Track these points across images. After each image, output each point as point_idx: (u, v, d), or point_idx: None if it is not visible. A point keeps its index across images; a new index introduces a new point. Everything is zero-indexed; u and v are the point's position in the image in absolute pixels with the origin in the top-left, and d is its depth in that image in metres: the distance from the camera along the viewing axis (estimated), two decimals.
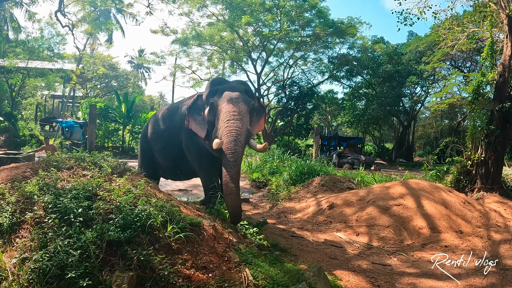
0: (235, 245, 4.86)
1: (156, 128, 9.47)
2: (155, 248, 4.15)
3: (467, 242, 7.30)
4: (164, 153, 9.21)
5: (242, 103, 6.98)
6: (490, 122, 11.24)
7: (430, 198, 8.62)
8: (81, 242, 3.90)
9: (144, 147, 10.01)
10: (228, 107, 6.79)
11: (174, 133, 8.76)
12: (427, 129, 45.01)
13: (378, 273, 5.91)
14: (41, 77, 32.47)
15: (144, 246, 4.10)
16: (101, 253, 3.94)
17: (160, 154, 9.35)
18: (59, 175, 5.30)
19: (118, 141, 27.78)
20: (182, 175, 9.77)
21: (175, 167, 9.30)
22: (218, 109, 6.93)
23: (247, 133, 6.76)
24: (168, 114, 9.34)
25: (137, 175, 6.19)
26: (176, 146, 8.72)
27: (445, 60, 26.08)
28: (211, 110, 7.11)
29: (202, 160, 8.10)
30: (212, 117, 7.10)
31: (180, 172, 9.50)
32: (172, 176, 10.22)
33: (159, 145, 9.27)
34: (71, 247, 3.84)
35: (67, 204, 4.30)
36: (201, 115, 7.53)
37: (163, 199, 5.08)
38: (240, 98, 7.03)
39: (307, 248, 6.95)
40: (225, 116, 6.69)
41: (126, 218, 4.22)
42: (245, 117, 6.87)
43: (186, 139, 8.33)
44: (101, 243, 3.97)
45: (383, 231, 7.87)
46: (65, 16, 18.54)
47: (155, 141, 9.38)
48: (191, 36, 28.78)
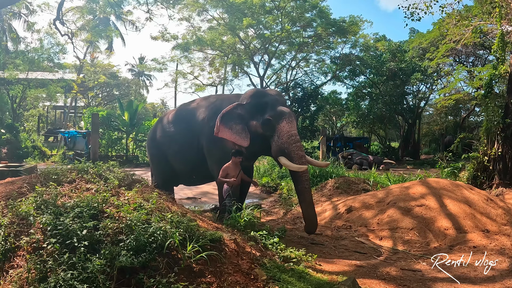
0: (259, 260, 4.42)
1: (168, 131, 9.37)
2: (175, 271, 3.65)
3: (495, 242, 6.97)
4: (180, 157, 9.13)
5: (295, 120, 7.71)
6: (506, 115, 10.97)
7: (452, 197, 8.26)
8: (88, 272, 3.35)
9: (154, 152, 9.88)
10: (291, 127, 7.39)
11: (192, 136, 8.74)
12: (432, 126, 44.73)
13: (409, 280, 5.54)
14: (42, 87, 32.17)
15: (162, 270, 3.58)
16: (112, 284, 3.40)
17: (174, 158, 9.24)
18: (59, 190, 4.77)
19: (121, 150, 27.41)
20: (197, 179, 9.77)
21: (191, 171, 9.24)
22: (279, 127, 7.39)
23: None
24: (182, 116, 9.32)
25: (147, 186, 5.71)
26: (194, 149, 8.72)
27: (449, 56, 25.74)
28: (267, 126, 7.52)
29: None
30: (268, 133, 7.53)
31: (196, 177, 9.46)
32: (187, 181, 10.08)
33: (173, 148, 9.15)
34: (76, 279, 3.31)
35: (69, 225, 3.77)
36: (239, 124, 7.76)
37: (179, 213, 4.61)
38: (293, 115, 7.73)
39: (330, 256, 6.57)
40: (290, 138, 7.30)
41: (139, 238, 3.71)
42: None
43: (210, 143, 8.37)
44: (112, 270, 3.43)
45: (407, 234, 7.49)
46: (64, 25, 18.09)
47: (168, 144, 9.25)
48: (192, 41, 28.57)
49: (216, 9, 27.91)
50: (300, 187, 7.21)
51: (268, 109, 7.61)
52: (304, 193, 7.17)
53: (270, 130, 7.47)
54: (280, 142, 7.30)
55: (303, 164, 7.13)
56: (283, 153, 7.31)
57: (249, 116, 7.78)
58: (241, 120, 7.77)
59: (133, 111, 26.77)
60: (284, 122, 7.35)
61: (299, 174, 7.15)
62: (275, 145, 7.41)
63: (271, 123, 7.43)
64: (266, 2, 26.63)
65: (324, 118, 43.76)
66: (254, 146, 7.71)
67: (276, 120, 7.41)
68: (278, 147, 7.36)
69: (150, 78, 61.01)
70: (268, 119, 7.47)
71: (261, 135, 7.61)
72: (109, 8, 22.53)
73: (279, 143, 7.33)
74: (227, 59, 30.35)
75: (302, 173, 7.15)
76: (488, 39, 21.54)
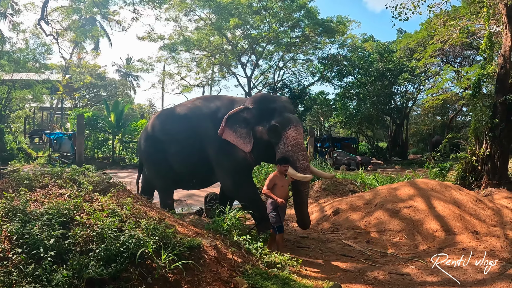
0: (241, 267, 4.22)
1: (168, 128, 8.78)
2: (148, 282, 3.42)
3: (485, 243, 6.89)
4: (180, 159, 8.60)
5: (302, 128, 7.49)
6: (494, 115, 10.94)
7: (441, 198, 8.16)
8: (53, 285, 3.07)
9: (151, 151, 9.09)
10: (298, 136, 7.20)
11: (195, 139, 8.28)
12: (419, 126, 44.93)
13: (397, 285, 5.43)
14: (28, 88, 31.68)
15: (135, 281, 3.35)
16: None
17: (174, 159, 8.66)
18: (30, 195, 4.48)
19: (108, 151, 27.10)
20: (197, 184, 9.43)
21: (191, 176, 8.83)
22: (285, 135, 7.17)
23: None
24: (185, 115, 8.68)
25: (124, 191, 5.42)
26: (195, 154, 8.27)
27: (436, 56, 25.80)
28: (273, 132, 7.27)
29: (240, 174, 7.91)
30: (274, 139, 7.29)
31: (196, 181, 9.09)
32: (186, 185, 9.57)
33: (173, 148, 8.59)
34: None
35: (35, 233, 3.52)
36: (244, 128, 7.56)
37: (155, 219, 4.36)
38: (300, 124, 7.53)
39: (317, 260, 6.42)
40: (296, 146, 7.10)
41: (110, 248, 3.46)
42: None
43: (219, 151, 7.99)
44: (79, 282, 3.18)
45: (395, 236, 7.37)
46: (49, 25, 17.80)
47: (168, 143, 8.66)
48: (179, 42, 28.36)
49: (203, 9, 27.73)
50: (299, 196, 7.13)
51: (275, 115, 7.37)
52: (302, 206, 7.14)
53: (275, 137, 7.24)
54: (286, 150, 7.08)
55: (307, 174, 6.96)
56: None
57: (255, 121, 7.53)
58: (247, 124, 7.55)
59: (119, 112, 26.48)
60: (291, 130, 7.15)
61: (300, 183, 7.01)
62: (280, 153, 7.16)
63: (278, 129, 7.20)
64: (254, 2, 26.51)
65: (312, 119, 43.74)
66: (258, 152, 7.54)
67: (283, 127, 7.18)
68: (283, 155, 7.10)
69: (137, 79, 60.82)
70: (274, 125, 7.23)
71: (266, 142, 7.38)
72: (95, 8, 22.22)
73: (284, 151, 7.10)
74: (214, 59, 30.17)
75: (303, 183, 7.05)
76: (475, 39, 21.62)
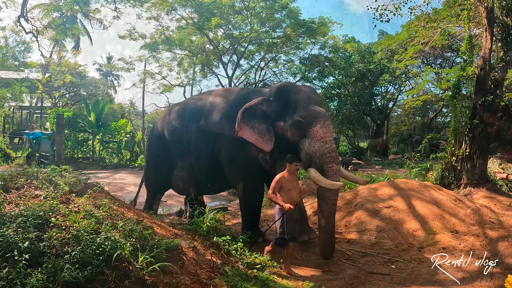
0: (220, 268, 4.19)
1: (176, 128, 8.08)
2: (125, 286, 3.34)
3: (464, 242, 6.99)
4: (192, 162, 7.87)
5: (331, 124, 6.47)
6: (473, 116, 11.08)
7: (420, 198, 8.27)
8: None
9: (156, 153, 8.54)
10: (326, 133, 6.19)
11: (207, 138, 7.54)
12: (400, 127, 45.31)
13: (378, 284, 5.47)
14: (6, 87, 31.23)
15: (111, 284, 3.27)
16: None
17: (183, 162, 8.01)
18: (5, 197, 4.38)
19: (88, 151, 26.84)
20: (213, 188, 8.46)
21: (205, 180, 7.98)
22: (311, 132, 6.20)
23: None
24: (195, 111, 7.90)
25: (101, 192, 5.29)
26: (207, 155, 7.55)
27: (417, 58, 26.07)
28: (296, 129, 6.31)
29: (250, 175, 7.17)
30: (296, 137, 6.32)
31: (211, 185, 8.13)
32: (199, 188, 8.43)
33: (181, 150, 7.94)
34: None
35: (9, 236, 3.41)
36: (263, 123, 6.66)
37: (133, 220, 4.27)
38: (330, 118, 6.44)
39: (297, 260, 6.40)
40: (324, 146, 6.10)
41: (86, 250, 3.38)
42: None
43: (231, 149, 7.23)
44: (54, 286, 3.10)
45: (376, 236, 7.40)
46: (29, 22, 17.49)
47: (176, 145, 8.02)
48: (160, 41, 28.12)
49: (185, 9, 27.50)
50: (324, 209, 6.08)
51: (299, 108, 6.39)
52: (328, 218, 6.07)
53: (299, 135, 6.25)
54: (312, 150, 6.09)
55: (337, 180, 5.97)
56: (314, 163, 6.14)
57: (276, 115, 6.61)
58: (266, 119, 6.65)
59: (99, 112, 26.23)
60: (318, 126, 6.14)
61: (327, 191, 5.98)
62: (304, 153, 6.19)
63: (302, 126, 6.23)
64: (236, 2, 26.44)
65: None
66: (278, 152, 6.58)
67: (309, 122, 6.22)
68: (308, 156, 6.19)
69: (118, 78, 60.12)
70: (298, 120, 6.27)
71: (288, 140, 6.42)
72: (76, 5, 21.96)
73: (310, 151, 6.12)
74: (195, 59, 29.99)
75: (330, 192, 5.99)
76: (455, 42, 21.90)
